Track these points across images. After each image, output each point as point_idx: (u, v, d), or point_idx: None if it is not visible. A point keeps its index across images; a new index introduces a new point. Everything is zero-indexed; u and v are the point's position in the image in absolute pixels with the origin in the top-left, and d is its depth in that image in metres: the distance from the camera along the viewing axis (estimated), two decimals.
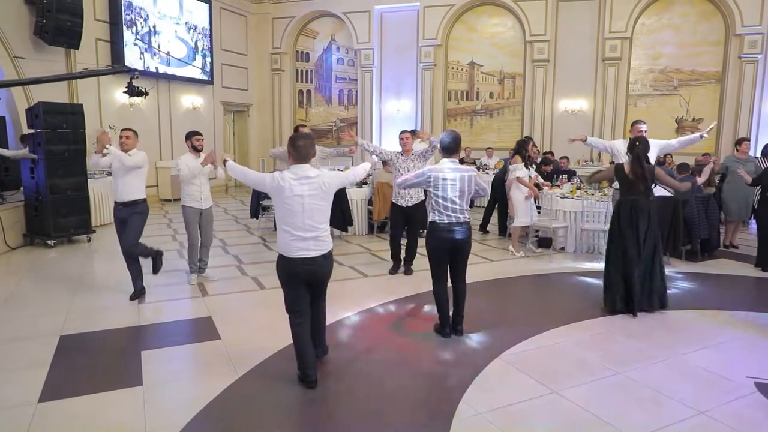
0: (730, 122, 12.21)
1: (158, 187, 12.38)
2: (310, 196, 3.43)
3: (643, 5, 12.53)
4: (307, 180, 3.42)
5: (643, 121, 6.17)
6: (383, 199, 8.48)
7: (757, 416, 3.22)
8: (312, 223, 3.45)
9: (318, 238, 3.48)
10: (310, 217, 3.45)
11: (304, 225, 3.44)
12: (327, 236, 3.54)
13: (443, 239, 4.22)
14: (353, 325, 4.77)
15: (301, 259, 3.45)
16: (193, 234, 5.75)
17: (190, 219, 5.69)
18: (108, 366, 3.92)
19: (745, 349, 4.26)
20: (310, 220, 3.45)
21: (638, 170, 4.84)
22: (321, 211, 3.49)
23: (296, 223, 3.44)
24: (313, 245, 3.46)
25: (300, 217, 3.43)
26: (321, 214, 3.49)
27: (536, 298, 5.75)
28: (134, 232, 5.21)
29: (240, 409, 3.31)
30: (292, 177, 3.41)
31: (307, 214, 3.44)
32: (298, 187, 3.41)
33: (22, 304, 5.19)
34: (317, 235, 3.47)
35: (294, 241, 3.44)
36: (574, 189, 7.77)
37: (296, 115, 16.00)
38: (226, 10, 14.58)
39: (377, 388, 3.59)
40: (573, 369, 3.83)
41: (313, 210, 3.45)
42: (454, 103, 14.53)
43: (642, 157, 4.85)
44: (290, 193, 3.41)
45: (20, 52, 8.82)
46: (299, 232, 3.44)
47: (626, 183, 4.95)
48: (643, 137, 5.13)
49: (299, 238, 3.44)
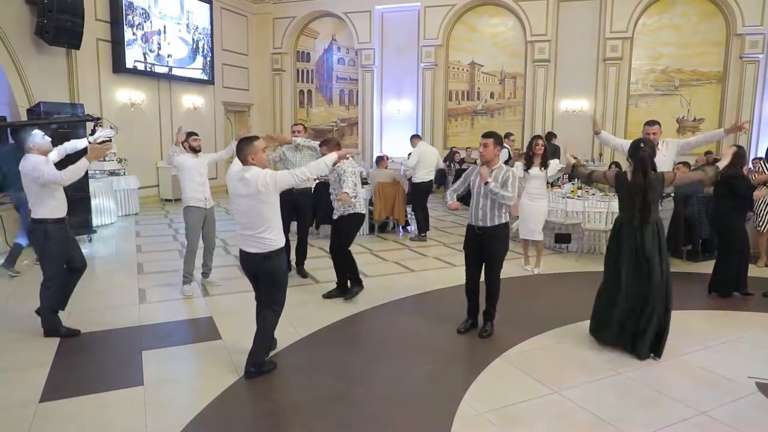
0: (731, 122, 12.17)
1: (159, 187, 12.39)
2: (246, 197, 3.49)
3: (644, 5, 12.52)
4: (244, 180, 3.48)
5: (656, 122, 5.55)
6: (383, 199, 8.48)
7: (758, 416, 3.22)
8: (247, 222, 3.55)
9: (254, 236, 3.55)
10: (246, 216, 3.55)
11: (242, 222, 3.60)
12: (269, 237, 3.55)
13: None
14: (354, 325, 4.77)
15: (244, 252, 3.66)
16: (194, 240, 5.50)
17: (194, 222, 5.46)
18: (109, 366, 3.93)
19: (746, 349, 4.26)
20: (247, 220, 3.55)
21: (640, 180, 3.97)
22: (257, 212, 3.50)
23: (238, 218, 3.62)
24: (251, 242, 3.57)
25: (239, 215, 3.60)
26: (257, 216, 3.51)
27: (537, 297, 5.74)
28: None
29: (240, 409, 3.32)
30: (236, 177, 3.53)
31: (243, 214, 3.56)
32: (237, 187, 3.52)
33: (22, 304, 5.19)
34: (254, 234, 3.54)
35: (238, 234, 3.66)
36: (575, 189, 7.76)
37: (297, 115, 16.00)
38: (227, 10, 14.58)
39: (378, 388, 3.59)
40: (573, 369, 3.83)
41: (249, 210, 3.52)
42: (454, 103, 14.52)
43: (647, 164, 3.98)
44: (233, 191, 3.57)
45: (21, 52, 8.83)
46: (240, 228, 3.63)
47: (625, 195, 4.10)
48: (650, 140, 4.37)
49: (241, 234, 3.63)
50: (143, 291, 5.60)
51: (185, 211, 5.53)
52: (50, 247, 4.24)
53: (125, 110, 11.37)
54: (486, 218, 4.31)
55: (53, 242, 4.25)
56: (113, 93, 11.12)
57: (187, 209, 5.51)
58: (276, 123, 16.03)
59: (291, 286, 5.84)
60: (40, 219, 4.23)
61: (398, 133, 14.30)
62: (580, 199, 7.43)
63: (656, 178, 4.00)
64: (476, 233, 4.39)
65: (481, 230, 4.35)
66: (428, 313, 5.01)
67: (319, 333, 4.52)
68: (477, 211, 4.36)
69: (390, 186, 8.54)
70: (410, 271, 6.56)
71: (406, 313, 5.06)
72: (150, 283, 5.86)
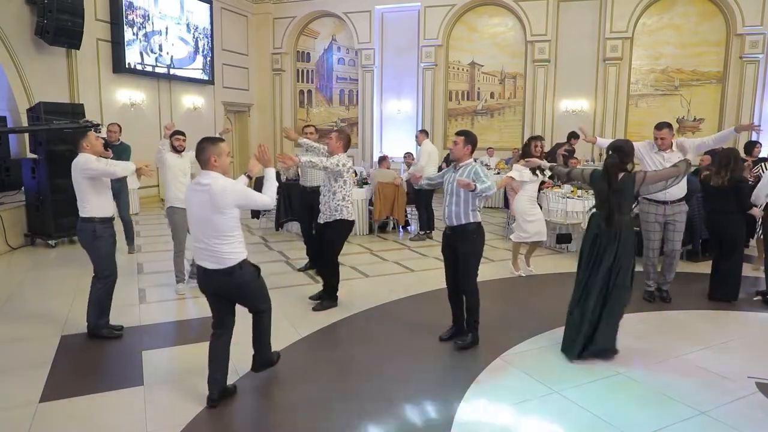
0: (731, 123, 12.17)
1: (159, 187, 12.39)
2: (200, 205, 3.12)
3: (644, 5, 12.51)
4: (199, 186, 3.13)
5: (665, 125, 5.25)
6: (383, 199, 8.48)
7: (759, 416, 3.22)
8: (199, 234, 3.17)
9: (208, 249, 3.15)
10: (199, 227, 3.17)
11: (195, 234, 3.21)
12: (225, 252, 3.13)
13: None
14: (354, 325, 4.77)
15: (201, 269, 3.22)
16: (181, 240, 5.42)
17: (179, 222, 5.34)
18: (109, 366, 3.93)
19: (746, 349, 4.26)
20: (200, 232, 3.16)
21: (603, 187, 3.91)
22: (212, 224, 3.10)
23: (192, 229, 3.25)
24: (206, 256, 3.17)
25: (192, 225, 3.23)
26: (212, 228, 3.11)
27: (536, 298, 5.74)
28: None
29: (240, 409, 3.32)
30: (193, 182, 3.20)
31: (197, 225, 3.17)
32: (191, 194, 3.20)
33: (23, 304, 5.19)
34: (207, 247, 3.15)
35: (193, 247, 3.25)
36: (574, 189, 7.76)
37: (297, 115, 16.01)
38: (227, 10, 14.58)
39: (378, 388, 3.59)
40: (573, 369, 3.83)
41: (202, 221, 3.14)
42: (454, 103, 14.52)
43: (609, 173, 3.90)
44: (189, 198, 3.22)
45: (21, 52, 8.83)
46: (194, 240, 3.24)
47: (597, 196, 4.04)
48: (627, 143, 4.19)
49: (195, 246, 3.23)
50: (143, 291, 5.60)
51: (169, 212, 5.48)
52: (99, 245, 4.27)
53: (125, 110, 11.37)
54: (453, 217, 4.15)
55: (102, 240, 4.28)
56: (113, 93, 11.12)
57: (170, 210, 5.45)
58: (276, 123, 16.03)
59: (291, 286, 5.89)
60: (88, 218, 4.25)
61: (398, 133, 14.30)
62: (580, 199, 7.43)
63: (628, 179, 3.90)
64: (447, 234, 4.29)
65: (451, 230, 4.22)
66: (428, 313, 5.01)
67: (319, 333, 4.52)
68: (445, 209, 4.22)
69: (390, 186, 8.53)
70: (410, 271, 6.56)
71: (406, 314, 5.06)
72: (150, 283, 5.86)
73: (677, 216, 5.22)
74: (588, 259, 3.98)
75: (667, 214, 5.19)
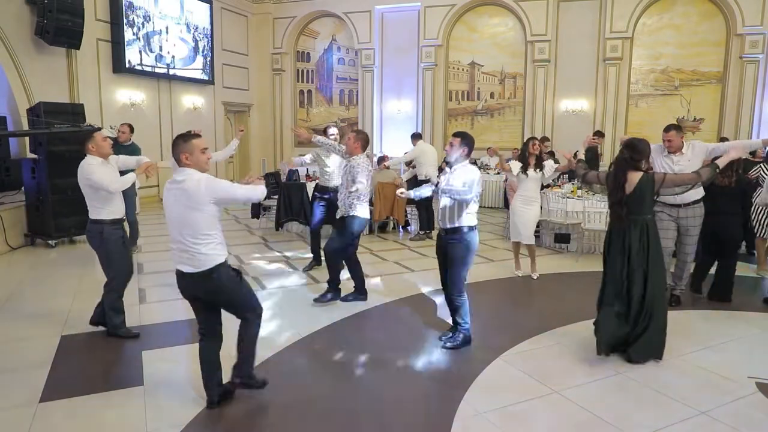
0: (731, 123, 12.19)
1: (159, 187, 12.39)
2: (175, 203, 3.02)
3: (644, 5, 12.51)
4: (174, 184, 3.03)
5: (673, 127, 5.05)
6: (384, 199, 8.48)
7: (759, 416, 3.22)
8: (176, 234, 3.05)
9: (185, 250, 3.04)
10: (175, 226, 3.05)
11: (172, 234, 3.09)
12: (202, 253, 3.02)
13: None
14: (354, 325, 4.78)
15: (179, 272, 3.13)
16: None
17: None
18: (109, 366, 3.93)
19: (746, 349, 4.26)
20: (176, 231, 3.05)
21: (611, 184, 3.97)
22: (188, 222, 2.99)
23: (170, 230, 3.11)
24: (185, 258, 3.06)
25: (169, 226, 3.11)
26: (188, 226, 3.00)
27: (536, 297, 5.74)
28: None
29: (240, 409, 3.32)
30: (168, 182, 3.10)
31: (174, 224, 3.06)
32: (167, 194, 3.09)
33: (23, 304, 5.19)
34: (184, 248, 3.04)
35: (172, 250, 3.13)
36: (575, 189, 7.76)
37: (297, 116, 16.00)
38: (227, 10, 14.58)
39: (378, 388, 3.59)
40: (573, 369, 3.83)
41: (178, 219, 3.03)
42: (454, 103, 14.51)
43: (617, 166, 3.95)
44: (165, 199, 3.11)
45: (21, 52, 8.83)
46: (171, 241, 3.11)
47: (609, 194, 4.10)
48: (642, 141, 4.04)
49: (172, 248, 3.13)
50: (143, 291, 5.60)
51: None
52: (109, 247, 4.25)
53: (125, 110, 11.36)
54: (446, 219, 4.14)
55: (111, 242, 4.25)
56: (113, 93, 11.11)
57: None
58: (276, 123, 16.04)
59: (291, 286, 5.89)
60: (97, 220, 4.22)
61: (398, 134, 14.28)
62: (580, 199, 7.44)
63: (646, 180, 3.89)
64: (440, 236, 4.27)
65: (444, 232, 4.21)
66: (428, 313, 5.01)
67: (319, 333, 4.52)
68: (439, 211, 4.22)
69: (390, 186, 8.52)
70: (410, 271, 6.56)
71: (407, 313, 5.06)
72: (150, 283, 5.86)
73: (690, 220, 5.02)
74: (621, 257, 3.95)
75: (680, 217, 5.02)
